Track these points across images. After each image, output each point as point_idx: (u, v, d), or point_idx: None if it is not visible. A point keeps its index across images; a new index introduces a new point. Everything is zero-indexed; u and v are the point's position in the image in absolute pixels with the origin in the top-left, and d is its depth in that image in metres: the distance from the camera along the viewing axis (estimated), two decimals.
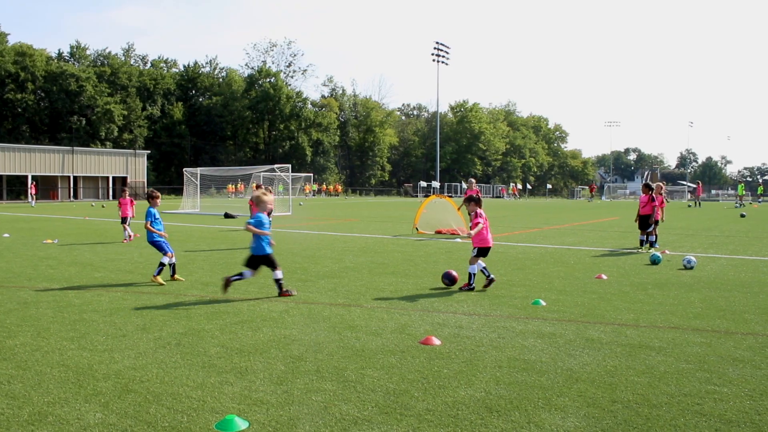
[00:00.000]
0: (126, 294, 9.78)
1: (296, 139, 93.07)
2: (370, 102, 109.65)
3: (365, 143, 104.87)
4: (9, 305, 8.91)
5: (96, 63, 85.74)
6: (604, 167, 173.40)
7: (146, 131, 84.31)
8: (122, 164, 70.20)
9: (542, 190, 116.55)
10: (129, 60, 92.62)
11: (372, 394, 5.23)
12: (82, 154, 66.73)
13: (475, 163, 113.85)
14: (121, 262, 13.61)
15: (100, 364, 6.06)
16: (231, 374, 5.73)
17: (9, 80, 72.28)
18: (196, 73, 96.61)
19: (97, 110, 76.56)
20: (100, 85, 78.53)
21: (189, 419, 4.70)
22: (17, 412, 4.85)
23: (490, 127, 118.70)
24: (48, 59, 79.04)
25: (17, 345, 6.73)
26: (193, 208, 38.79)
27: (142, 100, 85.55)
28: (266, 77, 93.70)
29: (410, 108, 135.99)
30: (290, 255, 15.00)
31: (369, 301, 9.20)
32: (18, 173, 62.09)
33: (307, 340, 6.94)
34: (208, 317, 8.06)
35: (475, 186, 21.27)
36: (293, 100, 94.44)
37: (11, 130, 72.68)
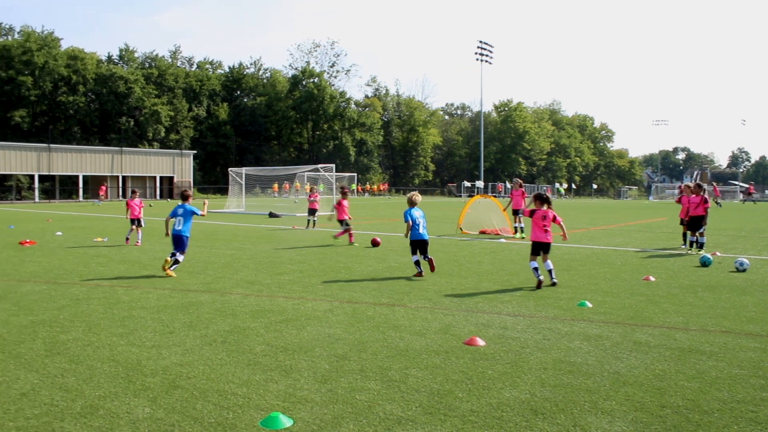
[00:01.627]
0: (173, 292, 9.95)
1: (340, 139, 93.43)
2: (413, 102, 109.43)
3: (409, 143, 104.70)
4: (62, 301, 9.14)
5: (144, 65, 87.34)
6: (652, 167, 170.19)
7: (192, 132, 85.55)
8: (169, 164, 71.43)
9: (588, 190, 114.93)
10: (176, 62, 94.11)
11: (416, 394, 5.22)
12: (130, 155, 68.09)
13: (519, 162, 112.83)
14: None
15: (148, 359, 6.18)
16: (276, 372, 5.78)
17: (62, 83, 74.13)
18: (240, 74, 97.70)
19: (145, 111, 77.98)
20: (148, 86, 79.99)
21: (234, 416, 4.76)
22: (70, 404, 4.98)
23: (534, 126, 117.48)
24: (98, 62, 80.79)
25: (70, 340, 6.90)
26: (238, 207, 39.24)
27: (189, 101, 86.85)
28: (310, 77, 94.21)
29: (454, 107, 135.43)
30: (334, 254, 15.08)
31: (413, 301, 9.19)
32: (70, 173, 63.66)
33: (351, 339, 6.97)
34: (253, 316, 8.14)
35: (521, 186, 20.82)
36: (337, 100, 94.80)
37: (63, 131, 74.51)
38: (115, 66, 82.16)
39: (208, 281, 10.97)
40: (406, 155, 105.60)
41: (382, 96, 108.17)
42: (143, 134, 78.25)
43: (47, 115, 75.38)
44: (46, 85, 72.05)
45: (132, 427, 4.55)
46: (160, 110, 78.47)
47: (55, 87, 73.37)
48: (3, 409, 4.88)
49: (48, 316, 8.11)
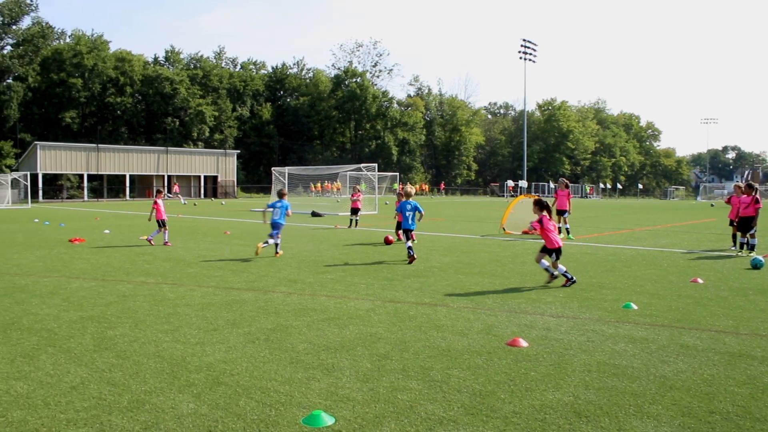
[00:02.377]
0: (217, 290, 10.08)
1: (382, 138, 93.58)
2: (456, 101, 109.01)
3: (451, 142, 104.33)
4: (109, 297, 9.34)
5: (189, 66, 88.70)
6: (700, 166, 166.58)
7: (236, 131, 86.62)
8: (213, 163, 72.45)
9: (633, 190, 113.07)
10: (220, 63, 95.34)
11: (458, 394, 5.20)
12: (175, 154, 69.29)
13: (563, 162, 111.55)
14: (212, 259, 14.02)
15: (192, 356, 6.27)
16: (318, 370, 5.82)
17: (110, 84, 75.77)
18: (284, 75, 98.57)
19: (190, 112, 79.21)
20: (193, 87, 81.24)
21: (277, 413, 4.80)
22: (118, 398, 5.08)
23: (578, 125, 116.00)
24: (145, 64, 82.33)
25: (117, 336, 7.05)
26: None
27: (233, 101, 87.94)
28: (352, 77, 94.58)
29: (497, 107, 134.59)
30: (376, 254, 15.11)
31: (455, 301, 9.16)
32: (117, 173, 65.07)
33: (393, 338, 6.97)
34: (296, 314, 8.21)
35: (567, 187, 20.34)
36: (379, 99, 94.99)
37: (111, 131, 76.13)
38: (161, 67, 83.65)
39: (252, 279, 11.09)
40: (448, 155, 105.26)
41: (425, 95, 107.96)
42: (188, 134, 79.51)
43: (96, 116, 77.11)
44: (95, 87, 73.74)
45: (177, 422, 4.62)
46: (205, 110, 79.64)
47: (103, 88, 75.04)
48: (55, 401, 5.02)
49: (96, 312, 8.29)
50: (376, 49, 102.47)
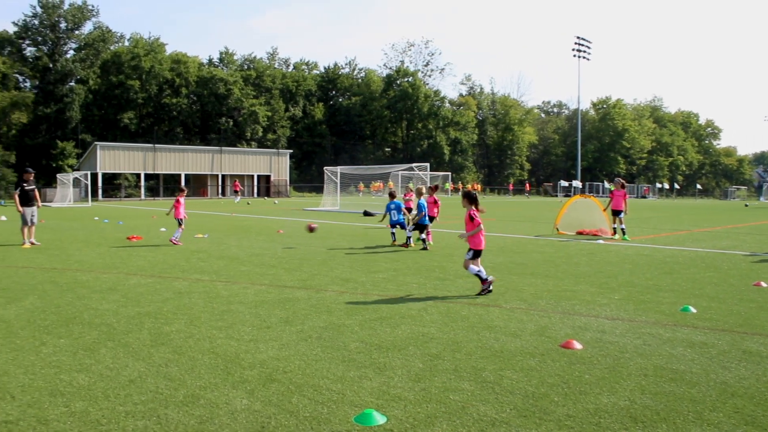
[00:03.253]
0: (270, 288, 10.19)
1: (434, 137, 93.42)
2: (508, 100, 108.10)
3: (504, 142, 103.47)
4: (165, 294, 9.54)
5: (243, 67, 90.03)
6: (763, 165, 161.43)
7: (289, 131, 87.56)
8: (266, 163, 73.37)
9: (691, 190, 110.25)
10: (273, 63, 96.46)
11: (510, 396, 5.15)
12: (229, 154, 70.40)
13: (618, 161, 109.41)
14: (265, 257, 14.19)
15: (246, 353, 6.36)
16: (370, 369, 5.83)
17: (166, 86, 77.45)
18: (335, 75, 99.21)
19: (244, 112, 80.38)
20: (246, 88, 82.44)
21: (329, 411, 4.83)
22: (174, 393, 5.19)
23: (634, 124, 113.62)
24: (200, 65, 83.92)
25: (173, 331, 7.20)
26: (333, 205, 39.85)
27: (285, 101, 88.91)
28: (404, 77, 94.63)
29: (550, 105, 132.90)
30: (428, 253, 15.09)
31: (508, 302, 9.07)
32: (173, 172, 66.46)
33: (445, 338, 6.95)
34: (348, 313, 8.24)
35: (623, 187, 19.81)
36: (431, 99, 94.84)
37: (167, 132, 77.80)
38: (215, 68, 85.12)
39: (304, 278, 11.19)
40: (500, 154, 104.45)
41: (477, 94, 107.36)
42: (242, 134, 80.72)
43: (152, 117, 78.90)
44: (151, 88, 75.46)
45: (230, 417, 4.69)
46: (258, 110, 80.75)
47: (160, 90, 76.76)
48: (114, 394, 5.15)
49: (153, 308, 8.48)
50: (427, 48, 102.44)
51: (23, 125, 69.40)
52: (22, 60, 73.57)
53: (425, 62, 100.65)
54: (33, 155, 67.46)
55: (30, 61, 73.57)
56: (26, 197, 17.03)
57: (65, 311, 8.31)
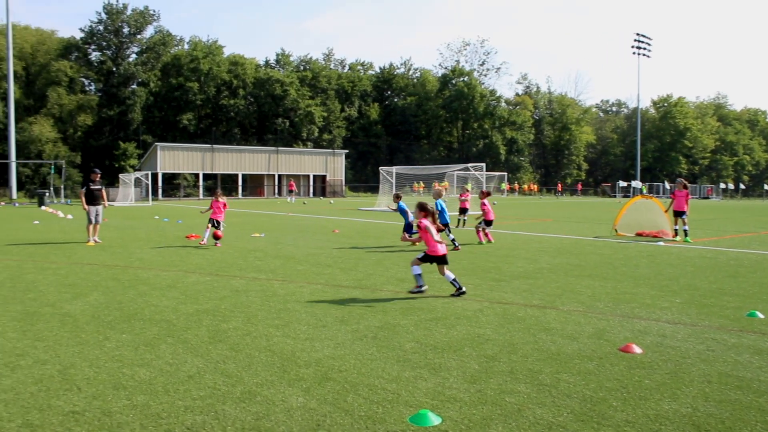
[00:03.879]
0: (326, 287, 10.26)
1: (490, 137, 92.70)
2: (565, 99, 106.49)
3: (561, 141, 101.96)
4: (223, 292, 9.71)
5: (299, 68, 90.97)
6: None
7: (344, 131, 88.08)
8: (322, 163, 73.95)
9: (758, 191, 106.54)
10: (329, 64, 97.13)
11: (567, 399, 5.07)
12: (285, 154, 71.19)
13: (679, 161, 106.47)
14: (321, 257, 14.30)
15: (302, 351, 6.41)
16: (425, 370, 5.82)
17: (224, 87, 78.80)
18: (391, 75, 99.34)
19: (300, 112, 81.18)
20: (302, 88, 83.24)
21: (384, 410, 4.83)
22: (231, 389, 5.27)
23: (697, 122, 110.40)
24: (257, 67, 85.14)
25: (230, 329, 7.31)
26: (389, 206, 39.89)
27: (341, 101, 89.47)
28: (459, 76, 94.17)
29: (609, 104, 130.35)
30: (484, 254, 14.98)
31: (565, 304, 8.93)
32: (230, 172, 67.58)
33: (501, 340, 6.88)
34: (403, 313, 8.24)
35: (685, 187, 19.21)
36: (487, 98, 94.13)
37: (225, 132, 79.12)
38: (272, 70, 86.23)
39: (360, 278, 11.23)
40: (557, 154, 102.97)
41: (533, 93, 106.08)
42: (298, 134, 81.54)
43: (211, 118, 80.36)
44: (210, 90, 76.88)
45: (286, 414, 4.74)
46: (314, 111, 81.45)
47: (218, 91, 78.13)
48: (174, 389, 5.27)
49: (211, 306, 8.64)
50: (483, 47, 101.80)
51: (88, 127, 71.58)
52: (88, 64, 75.90)
53: (481, 61, 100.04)
54: (97, 156, 69.55)
55: (95, 66, 75.84)
56: (92, 196, 17.53)
57: (127, 307, 8.54)
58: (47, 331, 7.21)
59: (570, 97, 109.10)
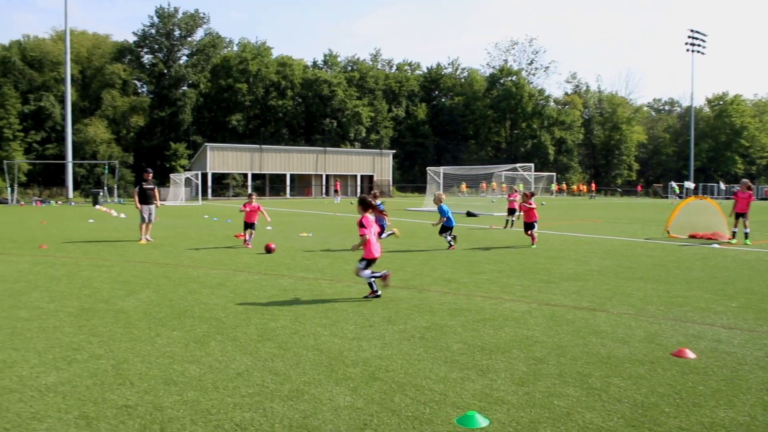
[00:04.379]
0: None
1: (538, 137, 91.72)
2: (616, 98, 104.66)
3: (611, 141, 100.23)
4: (271, 291, 9.80)
5: (346, 69, 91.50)
6: None
7: (391, 131, 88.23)
8: (369, 163, 74.19)
9: None
10: (376, 64, 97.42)
11: (618, 404, 4.97)
12: (333, 154, 71.64)
13: (735, 161, 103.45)
14: None
15: (349, 350, 6.43)
16: (473, 371, 5.78)
17: (272, 88, 79.71)
18: (438, 75, 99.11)
19: (347, 113, 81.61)
20: (350, 89, 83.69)
21: (431, 411, 4.81)
22: (279, 387, 5.32)
23: (754, 121, 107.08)
24: (305, 68, 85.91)
25: (279, 327, 7.38)
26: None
27: (388, 102, 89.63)
28: (508, 76, 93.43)
29: (661, 103, 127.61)
30: (532, 256, 14.82)
31: (615, 307, 8.77)
32: (278, 172, 68.31)
33: (549, 342, 6.79)
34: (451, 313, 8.20)
35: (748, 189, 18.57)
36: (535, 98, 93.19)
37: (273, 133, 80.00)
38: (319, 70, 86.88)
39: (407, 278, 11.22)
40: (607, 154, 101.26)
41: (583, 93, 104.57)
42: (345, 134, 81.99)
43: (259, 119, 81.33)
44: (258, 91, 77.84)
45: (334, 413, 4.76)
46: (361, 111, 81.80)
47: (266, 92, 79.05)
48: (223, 385, 5.34)
49: (259, 304, 8.74)
50: (531, 46, 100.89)
51: (140, 128, 73.22)
52: (140, 67, 77.69)
53: (529, 61, 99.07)
54: (149, 156, 71.04)
55: (147, 68, 77.58)
56: (145, 196, 17.89)
57: (178, 305, 8.69)
58: (102, 327, 7.39)
59: (621, 96, 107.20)
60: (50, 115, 66.21)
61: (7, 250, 15.64)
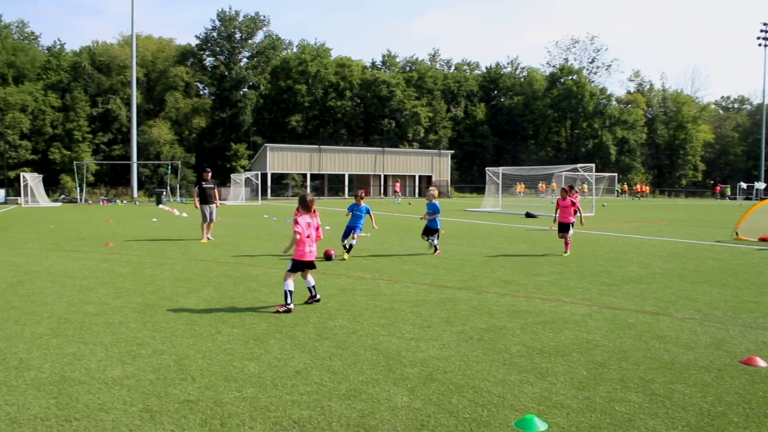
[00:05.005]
0: (431, 287, 10.25)
1: (600, 137, 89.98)
2: (681, 96, 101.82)
3: (675, 141, 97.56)
4: (330, 290, 9.87)
5: (404, 69, 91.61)
6: None
7: (450, 132, 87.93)
8: (427, 164, 74.12)
9: None
10: (434, 65, 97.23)
11: (682, 412, 4.83)
12: (391, 155, 71.83)
13: None
14: (426, 257, 14.31)
15: (407, 351, 6.43)
16: (531, 374, 5.70)
17: (331, 89, 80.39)
18: (497, 74, 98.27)
19: (405, 113, 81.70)
20: (408, 89, 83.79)
21: (489, 414, 4.77)
22: (337, 386, 5.35)
23: None
24: (363, 69, 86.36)
25: (336, 326, 7.42)
26: (495, 207, 39.50)
27: (447, 102, 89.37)
28: (568, 75, 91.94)
29: (729, 101, 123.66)
30: (593, 258, 14.54)
31: (680, 311, 8.52)
32: (337, 172, 68.85)
33: (611, 346, 6.65)
34: (510, 315, 8.11)
35: None
36: (597, 97, 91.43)
37: (332, 133, 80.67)
38: (378, 71, 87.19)
39: (465, 279, 11.15)
40: (672, 154, 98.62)
41: (646, 91, 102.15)
42: (404, 135, 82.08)
43: (318, 119, 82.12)
44: (317, 92, 78.59)
45: (391, 413, 4.76)
46: (420, 112, 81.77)
47: (325, 93, 79.76)
48: (281, 383, 5.40)
49: (318, 304, 8.79)
50: (593, 44, 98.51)
51: (202, 129, 74.80)
52: (202, 69, 79.45)
53: (590, 59, 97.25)
54: (210, 157, 72.52)
55: (209, 70, 79.28)
56: (204, 195, 18.22)
57: (238, 303, 8.83)
58: (164, 323, 7.57)
59: (686, 94, 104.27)
60: (117, 117, 68.28)
61: (76, 247, 16.19)
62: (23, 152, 62.77)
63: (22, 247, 16.14)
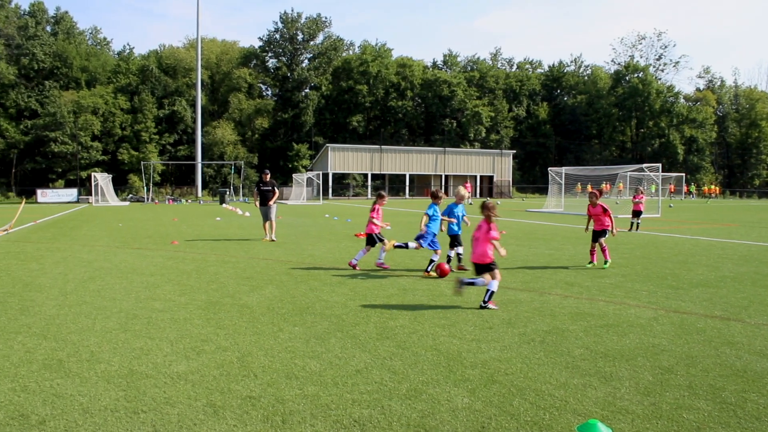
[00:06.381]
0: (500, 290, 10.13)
1: (666, 136, 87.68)
2: (754, 93, 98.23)
3: (748, 139, 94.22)
4: (391, 290, 9.89)
5: (466, 69, 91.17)
6: None
7: (512, 131, 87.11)
8: (489, 164, 73.59)
9: None
10: (496, 64, 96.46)
11: (756, 422, 4.65)
12: (452, 155, 71.59)
13: None
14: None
15: (468, 352, 6.38)
16: (595, 378, 5.58)
17: (392, 89, 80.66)
18: (560, 73, 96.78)
19: (467, 113, 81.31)
20: (470, 89, 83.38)
21: (551, 417, 4.69)
22: (397, 386, 5.35)
23: None
24: (424, 68, 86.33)
25: (397, 326, 7.43)
26: (557, 207, 38.92)
27: (509, 101, 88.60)
28: (634, 72, 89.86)
29: None
30: (660, 260, 14.17)
31: (753, 317, 8.21)
32: (398, 172, 68.99)
33: (678, 351, 6.46)
34: (572, 318, 7.97)
35: None
36: (664, 95, 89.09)
37: (393, 133, 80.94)
38: (439, 71, 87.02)
39: (527, 280, 11.02)
40: (744, 153, 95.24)
41: (716, 88, 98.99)
42: (465, 135, 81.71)
43: (379, 119, 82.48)
44: (378, 92, 78.95)
45: (452, 414, 4.73)
46: (481, 111, 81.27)
47: (386, 93, 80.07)
48: (342, 382, 5.43)
49: (379, 303, 8.82)
50: (660, 40, 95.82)
51: (264, 130, 76.01)
52: (265, 71, 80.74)
53: (657, 56, 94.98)
54: (272, 157, 73.69)
55: (271, 72, 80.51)
56: (262, 197, 18.46)
57: (299, 301, 8.93)
58: (228, 320, 7.71)
59: (760, 90, 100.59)
60: (182, 119, 70.05)
61: (143, 245, 16.65)
62: (94, 153, 65.07)
63: (93, 245, 16.71)
